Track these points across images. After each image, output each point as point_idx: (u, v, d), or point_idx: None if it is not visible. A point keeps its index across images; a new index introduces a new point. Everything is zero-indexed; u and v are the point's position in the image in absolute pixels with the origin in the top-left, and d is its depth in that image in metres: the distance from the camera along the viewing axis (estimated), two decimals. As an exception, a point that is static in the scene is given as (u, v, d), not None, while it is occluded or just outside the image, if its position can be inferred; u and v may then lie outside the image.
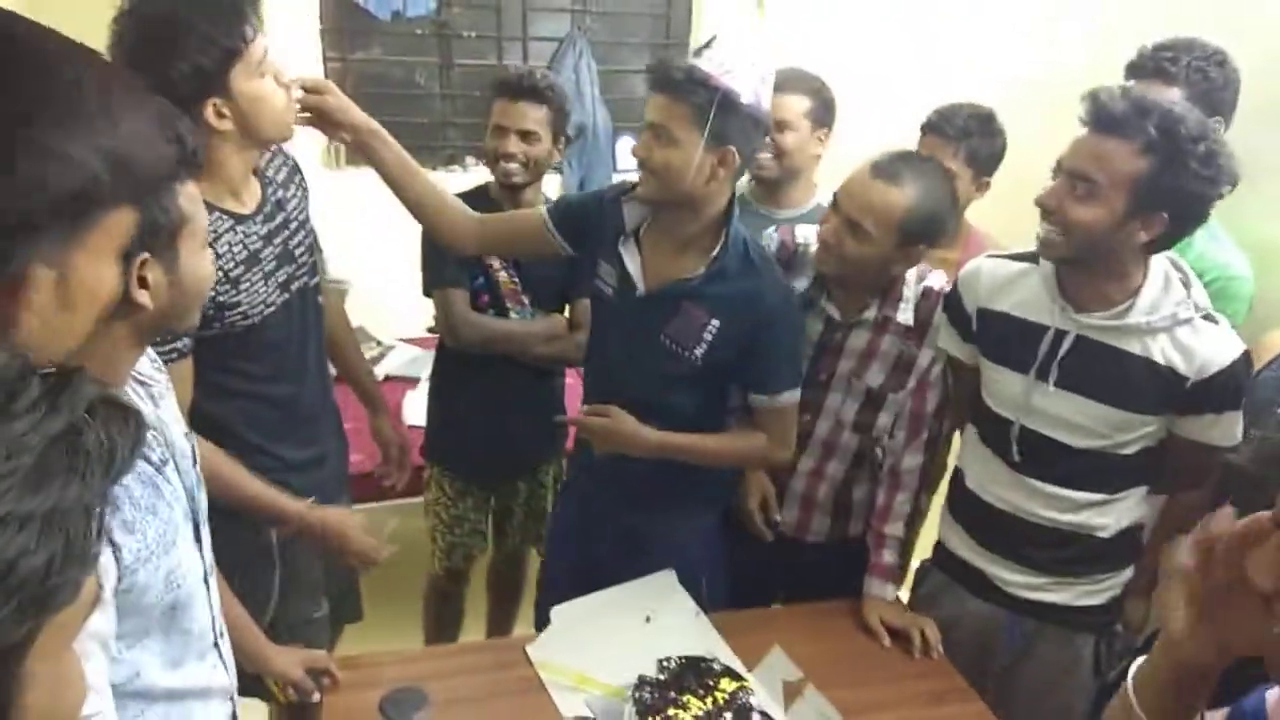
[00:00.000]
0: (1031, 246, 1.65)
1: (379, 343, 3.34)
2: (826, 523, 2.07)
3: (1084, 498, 1.69)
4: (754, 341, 1.77)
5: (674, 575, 2.00)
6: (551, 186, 3.83)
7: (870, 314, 1.89)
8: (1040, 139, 1.86)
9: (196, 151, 1.02)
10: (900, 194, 1.72)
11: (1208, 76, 1.91)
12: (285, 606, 1.81)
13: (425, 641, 2.60)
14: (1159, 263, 1.59)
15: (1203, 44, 1.93)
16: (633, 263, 1.80)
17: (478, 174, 3.46)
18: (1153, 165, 1.44)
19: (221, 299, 1.59)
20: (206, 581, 1.20)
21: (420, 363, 3.15)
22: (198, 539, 1.17)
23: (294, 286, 1.76)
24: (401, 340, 3.38)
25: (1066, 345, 1.63)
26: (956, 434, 2.02)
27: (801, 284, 1.93)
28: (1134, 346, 1.59)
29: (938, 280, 1.90)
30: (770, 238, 2.03)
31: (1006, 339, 1.71)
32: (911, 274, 1.89)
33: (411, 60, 3.78)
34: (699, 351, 1.78)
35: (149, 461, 1.08)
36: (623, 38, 4.03)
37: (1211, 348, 1.56)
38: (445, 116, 3.86)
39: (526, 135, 2.20)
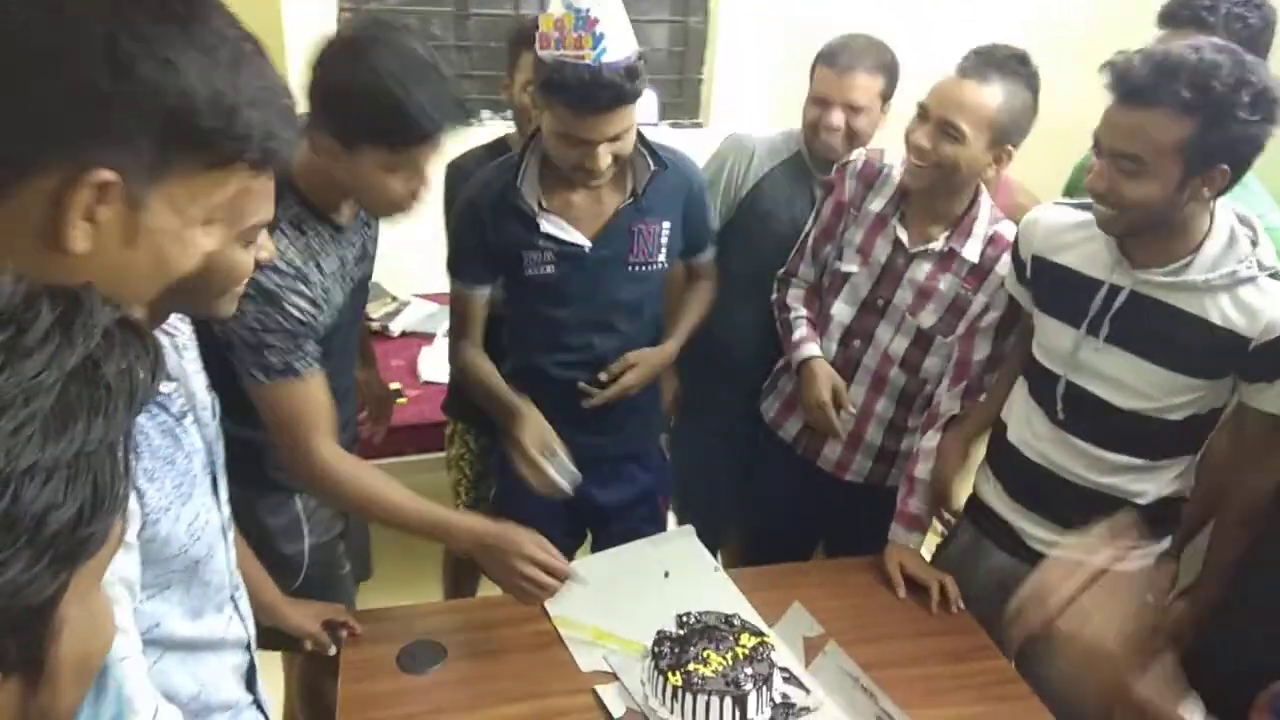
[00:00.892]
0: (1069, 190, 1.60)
1: (394, 298, 3.32)
2: (867, 465, 2.09)
3: (1125, 461, 1.64)
4: (691, 217, 1.94)
5: (692, 531, 2.00)
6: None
7: (938, 245, 1.89)
8: (1064, 83, 1.83)
9: (275, 148, 0.99)
10: (991, 91, 1.73)
11: (1247, 23, 1.85)
12: (315, 571, 1.80)
13: (444, 597, 2.61)
14: (1225, 216, 1.50)
15: None
16: (563, 229, 1.81)
17: (493, 128, 3.41)
18: (1198, 125, 1.36)
19: (318, 316, 1.54)
20: (225, 534, 1.19)
21: (437, 318, 3.13)
22: (215, 492, 1.16)
23: (359, 278, 1.72)
24: (417, 295, 3.36)
25: (1120, 300, 1.57)
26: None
27: (877, 204, 1.96)
28: (1191, 305, 1.51)
29: (1008, 229, 1.87)
30: (859, 153, 2.03)
31: (1060, 290, 1.66)
32: (985, 210, 1.89)
33: (426, 10, 3.71)
34: (661, 256, 1.91)
35: (169, 412, 1.07)
36: (641, -14, 3.94)
37: (1277, 307, 1.46)
38: (461, 68, 3.79)
39: None
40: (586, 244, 1.82)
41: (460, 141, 2.25)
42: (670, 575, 1.84)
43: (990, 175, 1.82)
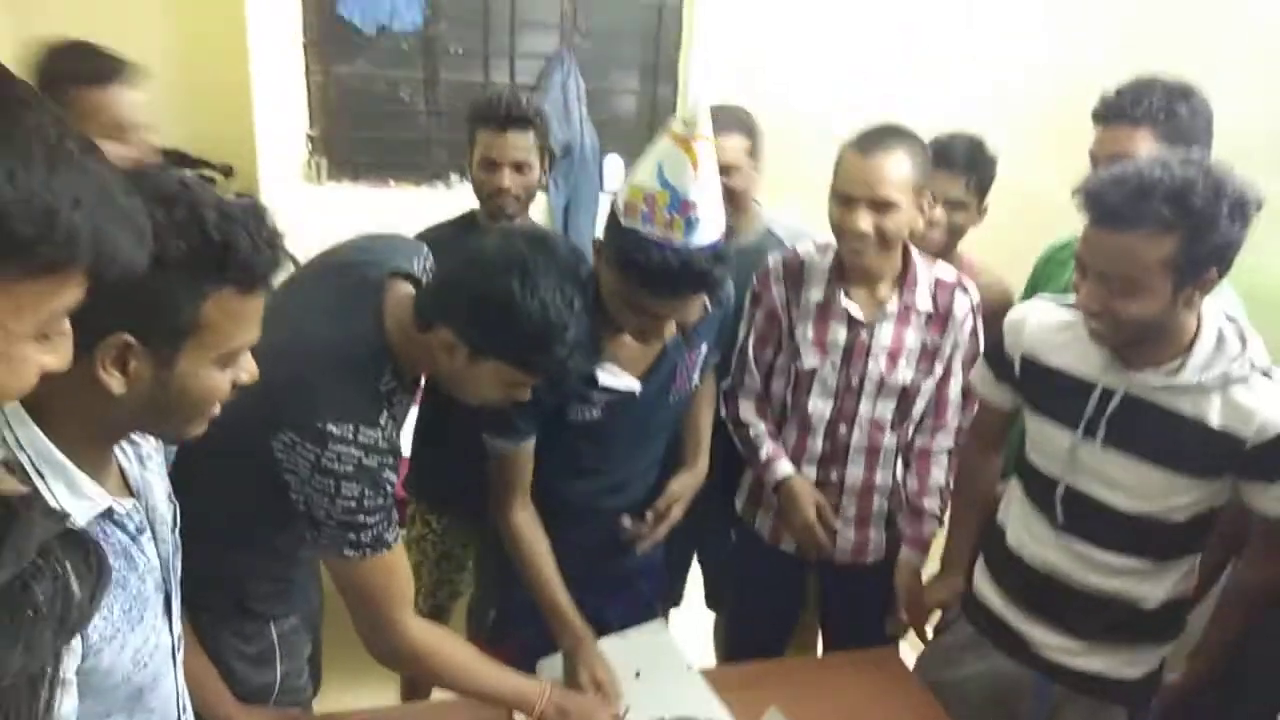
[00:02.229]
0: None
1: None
2: (883, 537, 2.08)
3: (1129, 564, 1.61)
4: (723, 334, 1.92)
5: (664, 625, 1.94)
6: (537, 209, 3.77)
7: (892, 306, 1.91)
8: (1021, 158, 1.86)
9: (250, 264, 0.95)
10: (899, 156, 1.78)
11: (1174, 114, 1.87)
12: (282, 698, 1.69)
13: (401, 696, 2.52)
14: (1213, 317, 1.51)
15: (1164, 82, 1.88)
16: (617, 377, 1.72)
17: (461, 191, 3.39)
18: (1183, 240, 1.36)
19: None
20: (174, 656, 1.11)
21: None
22: (168, 611, 1.09)
23: None
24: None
25: (1115, 403, 1.55)
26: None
27: (816, 294, 1.96)
28: (1186, 407, 1.50)
29: (944, 270, 1.96)
30: (774, 258, 2.04)
31: (1053, 392, 1.64)
32: (917, 258, 1.93)
33: (396, 75, 3.70)
34: (696, 378, 1.87)
35: (125, 530, 1.00)
36: (611, 56, 3.97)
37: (1271, 407, 1.45)
38: (430, 133, 3.78)
39: (519, 166, 2.13)
40: (638, 388, 1.73)
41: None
42: (641, 675, 1.77)
43: (920, 226, 1.87)
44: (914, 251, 1.94)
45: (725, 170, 2.05)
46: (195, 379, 0.96)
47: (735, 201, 2.12)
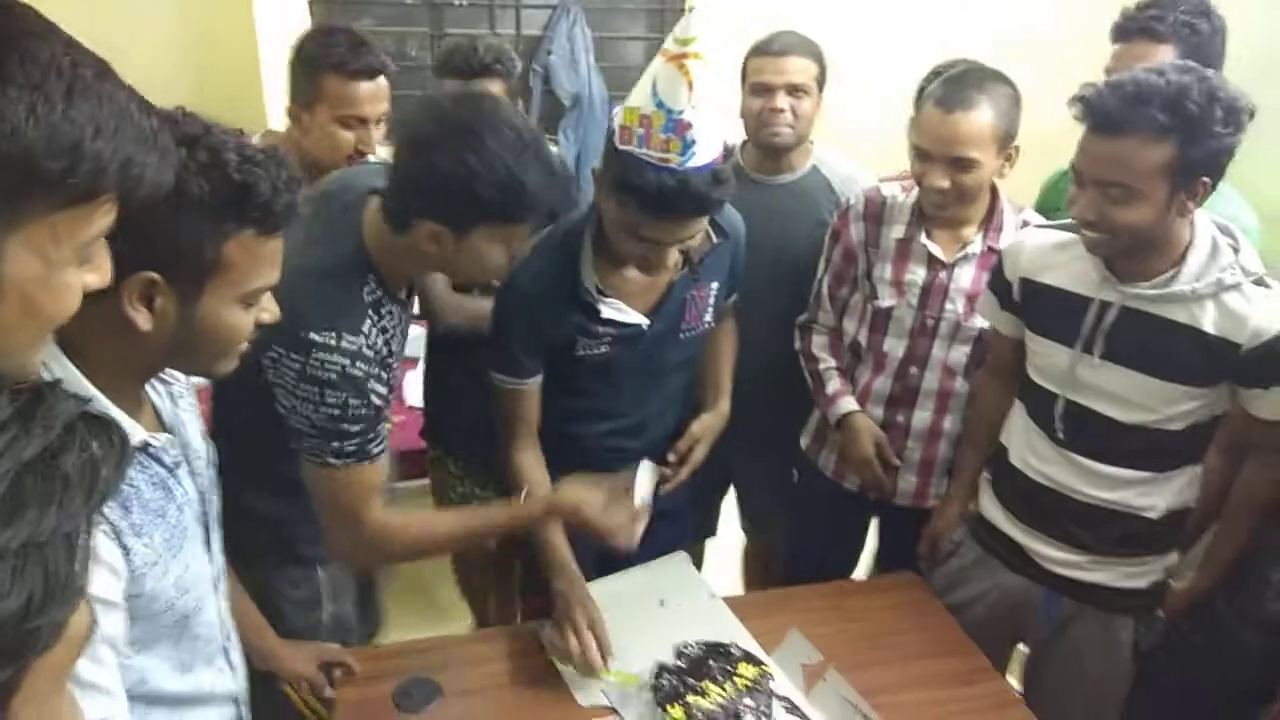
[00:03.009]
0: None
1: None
2: (945, 484, 2.06)
3: (1131, 475, 1.64)
4: (734, 271, 1.88)
5: (686, 558, 1.98)
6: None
7: (974, 247, 1.90)
8: (1033, 96, 1.85)
9: (269, 206, 0.98)
10: (981, 113, 1.74)
11: (1196, 30, 1.86)
12: (329, 633, 1.76)
13: (476, 617, 2.60)
14: (1205, 226, 1.53)
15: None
16: (623, 312, 1.71)
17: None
18: (1177, 146, 1.38)
19: (389, 397, 1.49)
20: (216, 586, 1.16)
21: (420, 342, 3.09)
22: (207, 542, 1.13)
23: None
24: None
25: (1112, 317, 1.57)
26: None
27: (897, 231, 1.95)
28: (1180, 315, 1.52)
29: (1033, 217, 1.92)
30: (856, 196, 2.04)
31: (1051, 311, 1.66)
32: (1007, 205, 1.91)
33: (402, 30, 3.70)
34: (709, 317, 1.84)
35: (161, 463, 1.05)
36: (617, 3, 3.94)
37: (1264, 313, 1.47)
38: (440, 89, 3.77)
39: None
40: (645, 323, 1.72)
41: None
42: (666, 604, 1.82)
43: (1006, 173, 1.84)
44: (1002, 195, 1.91)
45: (794, 91, 2.09)
46: (218, 317, 1.00)
47: (799, 128, 2.13)
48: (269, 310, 1.08)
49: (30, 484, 0.49)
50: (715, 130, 1.48)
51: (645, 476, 1.68)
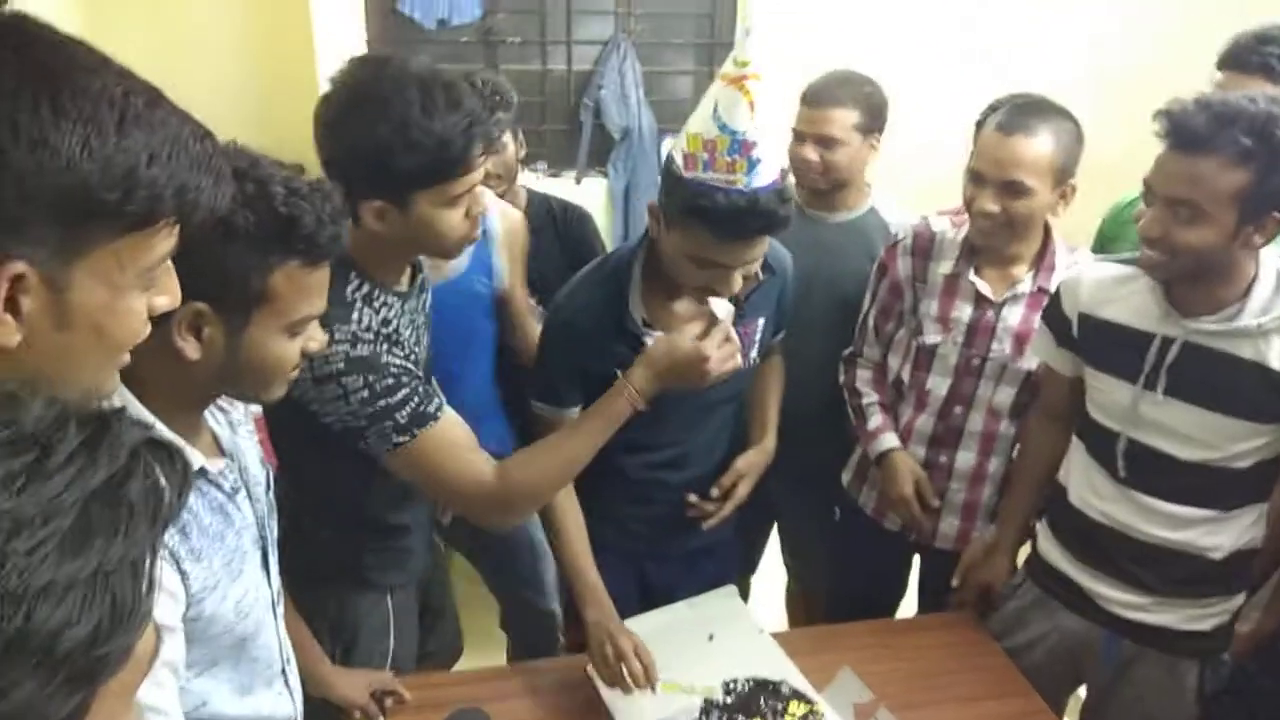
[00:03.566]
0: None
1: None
2: (989, 529, 2.01)
3: (1194, 514, 1.59)
4: (781, 308, 1.87)
5: (734, 591, 1.96)
6: (597, 191, 3.81)
7: (1024, 286, 1.87)
8: (1104, 127, 1.82)
9: (314, 238, 1.00)
10: (1041, 140, 1.72)
11: None
12: (393, 661, 1.77)
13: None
14: (1271, 262, 1.49)
15: None
16: None
17: (529, 179, 3.43)
18: (1255, 173, 1.35)
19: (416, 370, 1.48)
20: (274, 609, 1.18)
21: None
22: (266, 566, 1.15)
23: (428, 343, 1.67)
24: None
25: (1174, 352, 1.54)
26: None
27: (945, 267, 1.93)
28: (1246, 351, 1.49)
29: (1086, 256, 1.87)
30: (904, 229, 2.03)
31: (1112, 347, 1.63)
32: (1060, 242, 1.88)
33: (457, 67, 3.76)
34: (754, 354, 1.82)
35: (220, 489, 1.07)
36: (667, 39, 3.98)
37: None
38: (490, 123, 3.84)
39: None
40: None
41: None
42: (715, 638, 1.80)
43: (1060, 212, 1.81)
44: (1055, 234, 1.88)
45: (825, 143, 2.06)
46: (265, 346, 1.02)
47: (833, 175, 2.11)
48: (315, 339, 1.10)
49: (97, 513, 0.50)
50: (776, 150, 1.49)
51: (719, 304, 1.60)
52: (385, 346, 1.38)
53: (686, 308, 1.68)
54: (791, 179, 2.14)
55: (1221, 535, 1.60)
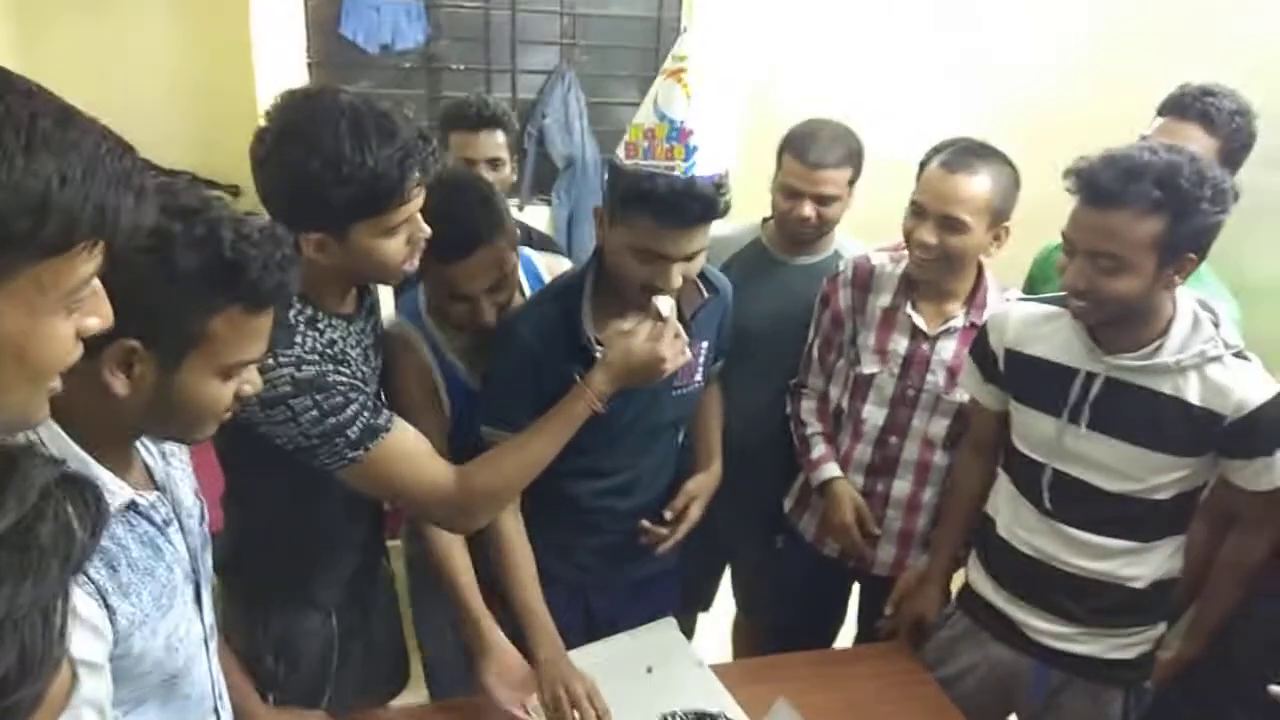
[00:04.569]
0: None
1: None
2: (924, 557, 2.05)
3: (1117, 545, 1.65)
4: (723, 333, 1.90)
5: (674, 623, 1.96)
6: (540, 219, 3.82)
7: (957, 321, 1.93)
8: (1025, 170, 1.89)
9: (258, 285, 0.98)
10: (981, 180, 1.80)
11: (1241, 130, 1.90)
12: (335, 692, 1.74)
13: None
14: (1186, 301, 1.57)
15: (1236, 95, 1.91)
16: None
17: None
18: (1168, 220, 1.42)
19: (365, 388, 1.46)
20: (206, 645, 1.15)
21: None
22: (198, 601, 1.13)
23: (377, 367, 1.64)
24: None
25: (1097, 387, 1.60)
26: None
27: (884, 300, 1.98)
28: (1165, 386, 1.55)
29: (1016, 295, 1.93)
30: (846, 262, 2.07)
31: (1037, 381, 1.68)
32: (992, 280, 1.95)
33: (399, 93, 3.75)
34: (699, 376, 1.85)
35: (151, 522, 1.04)
36: (611, 70, 4.03)
37: (1246, 385, 1.51)
38: (443, 142, 3.83)
39: (494, 163, 2.26)
40: None
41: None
42: (653, 670, 1.80)
43: (993, 252, 1.87)
44: (988, 273, 1.95)
45: (825, 201, 2.07)
46: (196, 388, 1.00)
47: (826, 228, 2.13)
48: (251, 382, 1.07)
49: (5, 558, 0.49)
50: (715, 148, 1.53)
51: (663, 302, 1.61)
52: (331, 366, 1.37)
53: (633, 326, 1.69)
54: (758, 232, 2.22)
55: (1142, 566, 1.66)
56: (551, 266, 2.00)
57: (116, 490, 0.99)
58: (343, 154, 1.26)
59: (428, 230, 1.41)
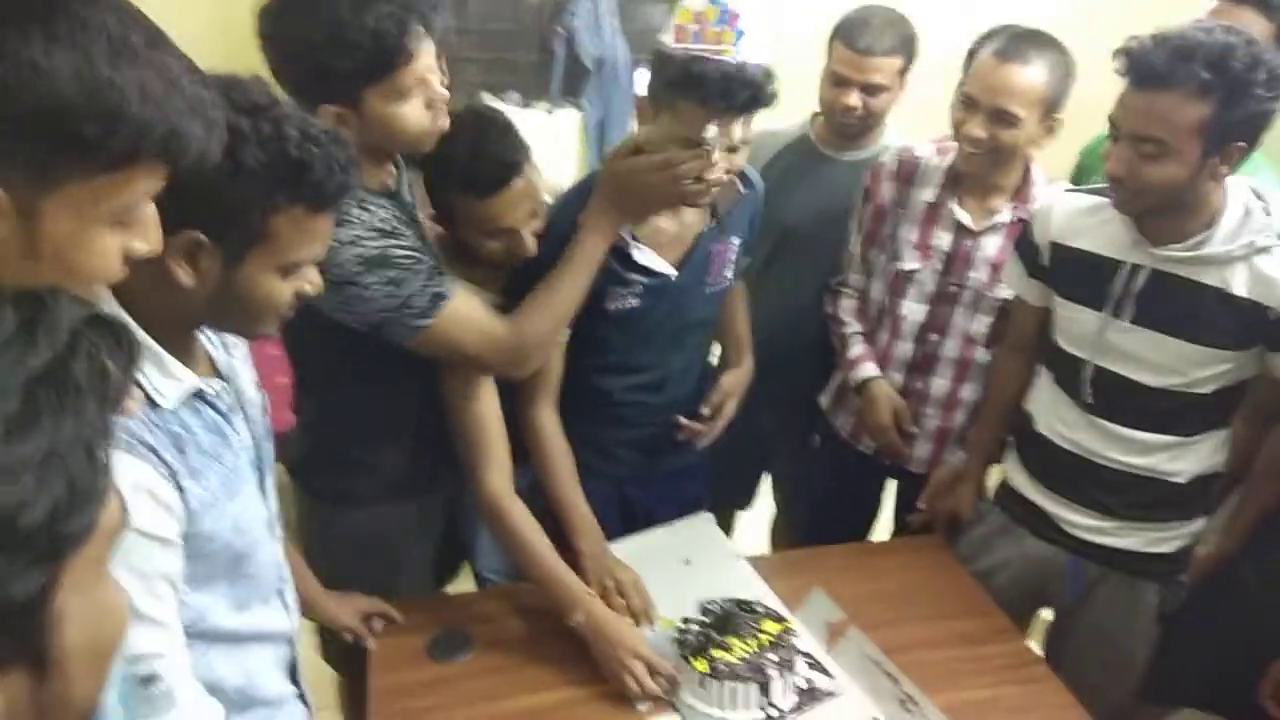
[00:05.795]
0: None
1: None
2: (959, 454, 2.06)
3: (1158, 440, 1.65)
4: (753, 229, 1.88)
5: (710, 518, 2.00)
6: (571, 123, 3.76)
7: (1003, 217, 1.90)
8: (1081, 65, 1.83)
9: (321, 185, 0.99)
10: (1035, 70, 1.74)
11: None
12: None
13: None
14: (1238, 190, 1.53)
15: None
16: (654, 260, 1.71)
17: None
18: (1217, 105, 1.38)
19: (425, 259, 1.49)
20: (271, 529, 1.20)
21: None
22: (263, 487, 1.17)
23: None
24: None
25: (1142, 280, 1.58)
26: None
27: (927, 194, 1.95)
28: (1211, 279, 1.53)
29: (1062, 188, 1.89)
30: (890, 154, 2.04)
31: (1081, 275, 1.67)
32: (1039, 174, 1.91)
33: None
34: (729, 273, 1.84)
35: (217, 410, 1.07)
36: (642, -34, 3.91)
37: None
38: (461, 52, 3.76)
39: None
40: (674, 273, 1.73)
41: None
42: (691, 563, 1.85)
43: (1044, 144, 1.83)
44: (1035, 167, 1.91)
45: (873, 90, 2.03)
46: (257, 283, 1.02)
47: (873, 119, 2.10)
48: (312, 282, 1.09)
49: (42, 395, 0.50)
50: (762, 35, 1.50)
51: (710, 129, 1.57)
52: (391, 241, 1.41)
53: (666, 225, 1.71)
54: (806, 129, 2.17)
55: (1184, 461, 1.66)
56: None
57: (184, 378, 1.02)
58: (340, 18, 1.27)
59: (445, 92, 1.42)
